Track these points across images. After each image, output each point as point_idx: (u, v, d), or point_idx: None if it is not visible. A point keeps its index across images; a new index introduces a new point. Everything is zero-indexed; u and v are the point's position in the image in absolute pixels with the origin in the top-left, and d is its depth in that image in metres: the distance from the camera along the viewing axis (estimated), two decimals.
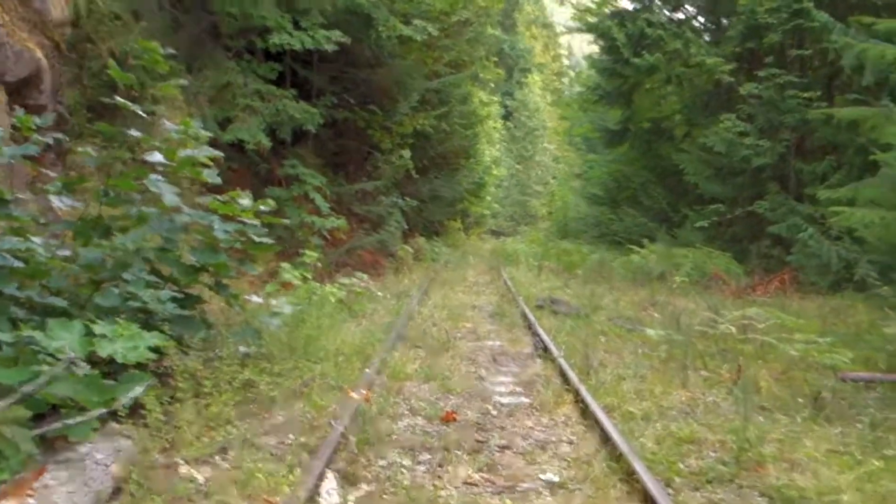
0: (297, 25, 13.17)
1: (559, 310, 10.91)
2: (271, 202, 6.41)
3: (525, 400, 6.08)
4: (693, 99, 21.93)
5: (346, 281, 11.24)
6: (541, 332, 8.66)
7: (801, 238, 15.95)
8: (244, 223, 6.54)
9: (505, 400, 6.07)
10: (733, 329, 8.76)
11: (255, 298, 6.79)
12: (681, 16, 23.05)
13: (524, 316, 10.34)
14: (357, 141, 18.79)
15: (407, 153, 18.19)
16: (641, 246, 19.38)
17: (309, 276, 10.62)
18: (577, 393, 5.79)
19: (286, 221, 6.79)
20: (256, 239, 6.64)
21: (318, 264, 13.32)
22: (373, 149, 18.84)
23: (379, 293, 13.09)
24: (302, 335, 7.39)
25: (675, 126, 23.46)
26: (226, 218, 6.26)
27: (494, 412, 5.71)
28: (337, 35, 12.88)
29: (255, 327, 6.51)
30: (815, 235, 15.59)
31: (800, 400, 6.07)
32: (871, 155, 16.94)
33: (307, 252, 10.92)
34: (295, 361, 6.57)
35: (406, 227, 20.02)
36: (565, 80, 69.80)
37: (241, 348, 6.23)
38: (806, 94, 16.59)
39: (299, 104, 13.17)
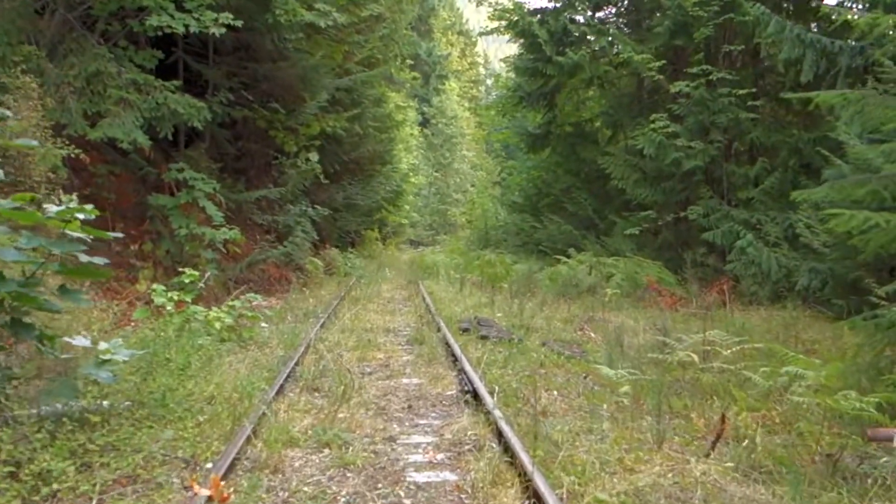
0: (180, 7, 11.23)
1: (487, 334, 9.25)
2: (90, 208, 4.53)
3: (450, 477, 4.36)
4: (618, 100, 20.71)
5: (236, 303, 9.35)
6: (467, 367, 6.97)
7: (739, 245, 14.76)
8: (67, 237, 4.73)
9: (422, 478, 4.33)
10: (694, 357, 7.26)
11: (80, 340, 4.89)
12: (602, 15, 21.85)
13: (446, 343, 8.65)
14: (259, 143, 16.85)
15: (315, 156, 16.34)
16: (568, 256, 18.01)
17: (189, 298, 8.70)
18: (522, 467, 4.11)
19: (115, 235, 4.93)
20: (83, 259, 4.82)
21: (208, 283, 11.41)
22: (277, 152, 16.92)
23: (278, 315, 11.26)
24: (158, 384, 5.54)
25: (600, 129, 22.22)
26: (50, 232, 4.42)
27: (408, 502, 3.99)
28: (227, 18, 10.99)
29: (75, 381, 4.66)
30: (753, 242, 14.40)
31: (817, 464, 4.54)
32: (803, 156, 16.09)
33: (187, 271, 8.98)
34: (136, 425, 4.73)
35: (317, 237, 18.14)
36: (482, 87, 68.87)
37: (47, 408, 4.38)
38: (741, 92, 15.42)
39: (184, 97, 11.20)
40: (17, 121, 9.09)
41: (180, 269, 9.20)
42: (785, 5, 17.10)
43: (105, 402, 4.91)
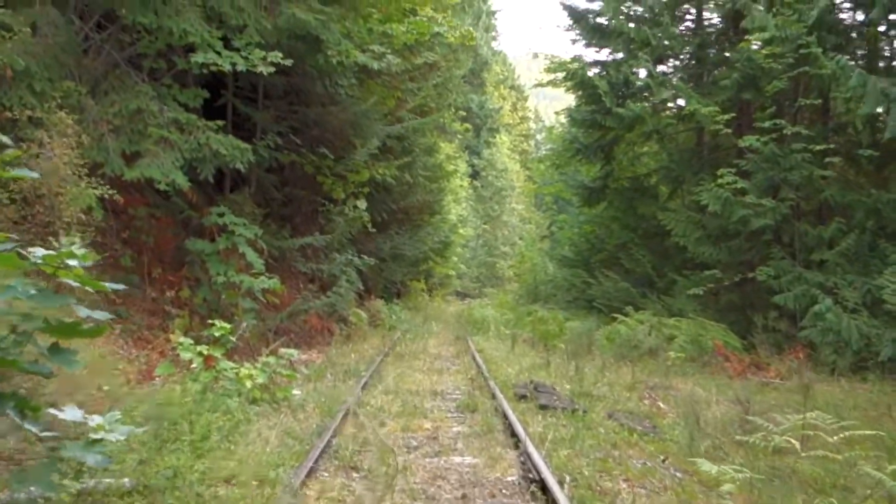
0: (228, 46, 10.64)
1: (547, 403, 8.22)
2: (83, 252, 3.65)
3: None
4: (679, 154, 19.70)
5: (270, 360, 8.46)
6: (530, 447, 5.94)
7: (815, 310, 13.52)
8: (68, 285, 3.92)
9: None
10: (795, 443, 6.15)
11: (69, 412, 4.00)
12: (663, 68, 20.98)
13: (502, 413, 7.62)
14: (306, 190, 16.18)
15: (363, 204, 15.61)
16: (625, 314, 16.90)
17: (219, 353, 7.86)
18: None
19: (114, 287, 3.99)
20: (83, 313, 3.97)
21: (244, 334, 10.59)
22: (325, 199, 16.23)
23: (317, 373, 10.37)
24: (168, 462, 4.65)
25: (658, 184, 21.18)
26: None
27: None
28: (276, 57, 10.36)
29: (56, 464, 3.77)
30: (832, 308, 13.16)
31: None
32: (882, 217, 14.89)
33: (217, 324, 8.14)
34: None
35: (363, 287, 17.32)
36: (532, 142, 68.37)
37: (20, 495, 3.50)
38: (817, 148, 14.33)
39: (227, 138, 10.53)
40: (47, 158, 8.49)
41: (213, 321, 8.34)
42: (859, 63, 16.07)
43: (95, 482, 4.03)
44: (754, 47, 16.05)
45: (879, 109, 14.16)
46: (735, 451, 7.07)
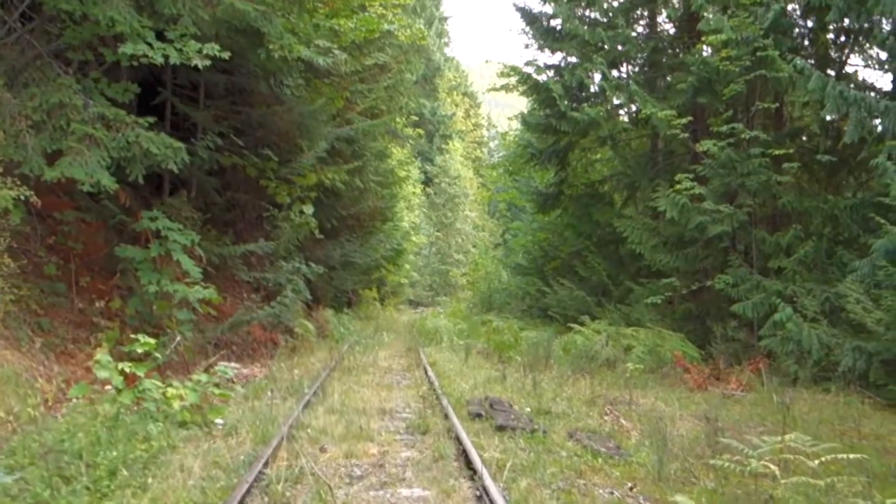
0: (161, 37, 9.82)
1: (504, 423, 7.56)
2: None
3: None
4: (635, 160, 19.30)
5: (202, 378, 7.66)
6: (486, 478, 5.27)
7: (775, 319, 13.14)
8: None
9: None
10: (774, 468, 5.60)
11: None
12: (617, 74, 20.58)
13: (455, 436, 6.93)
14: (250, 194, 15.35)
15: (310, 209, 14.83)
16: (580, 323, 16.40)
17: (142, 371, 7.04)
18: None
19: None
20: None
21: (178, 349, 9.77)
22: (270, 204, 15.40)
23: (256, 390, 9.60)
24: None
25: (614, 190, 20.76)
26: None
27: None
28: (213, 48, 9.55)
29: None
30: (792, 317, 12.77)
31: None
32: (839, 224, 14.62)
33: (141, 338, 7.32)
34: None
35: (310, 297, 16.50)
36: (485, 150, 68.08)
37: None
38: (778, 152, 13.99)
39: (159, 136, 9.69)
40: None
41: (137, 335, 7.50)
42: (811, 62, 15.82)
43: None
44: (708, 51, 15.75)
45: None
46: (706, 474, 6.53)
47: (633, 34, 19.37)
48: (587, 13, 19.74)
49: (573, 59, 19.67)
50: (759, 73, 14.32)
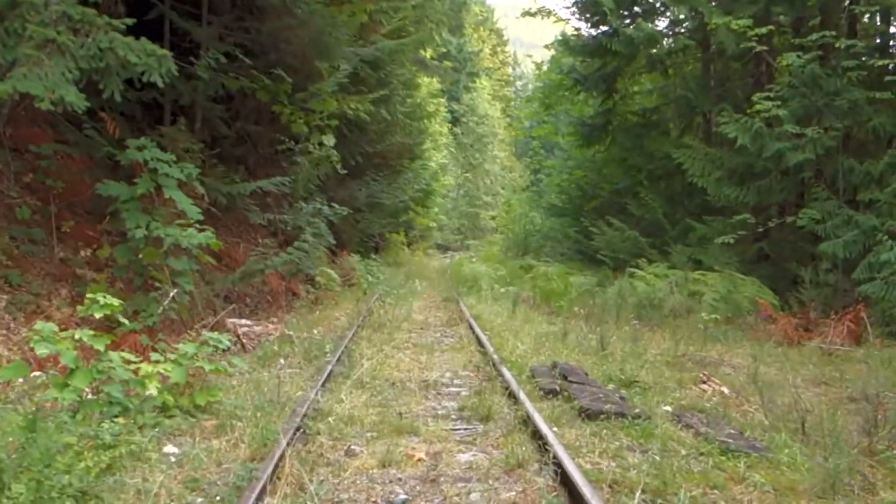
0: None
1: (589, 404, 5.56)
2: None
3: None
4: (696, 83, 16.92)
5: (189, 348, 5.71)
6: None
7: (872, 260, 11.04)
8: None
9: None
10: None
11: None
12: None
13: (532, 429, 4.94)
14: (263, 125, 13.31)
15: (330, 140, 12.76)
16: (634, 267, 14.35)
17: (101, 345, 5.09)
18: None
19: None
20: None
21: (171, 308, 7.89)
22: (286, 137, 13.33)
23: (265, 357, 7.70)
24: None
25: (669, 117, 18.40)
26: None
27: None
28: None
29: None
30: None
31: None
32: None
33: (99, 297, 5.34)
34: None
35: (334, 242, 14.52)
36: (512, 89, 65.29)
37: None
38: (882, 62, 11.67)
39: (138, 42, 7.65)
40: None
41: (94, 293, 5.52)
42: None
43: None
44: None
45: None
46: (881, 476, 4.58)
47: None
48: None
49: None
50: None
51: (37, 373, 5.23)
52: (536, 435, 4.76)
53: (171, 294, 8.01)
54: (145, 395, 5.19)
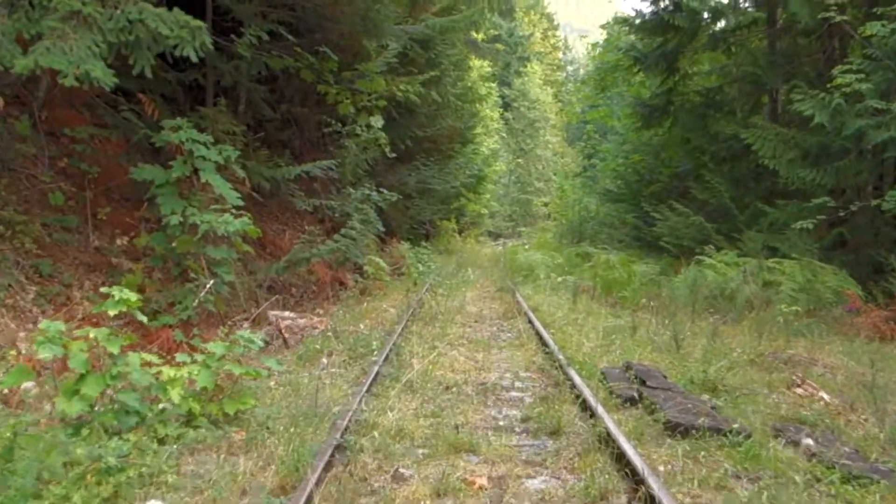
0: None
1: (676, 416, 4.74)
2: None
3: None
4: (765, 59, 15.73)
5: (218, 348, 5.03)
6: None
7: None
8: None
9: None
10: None
11: None
12: None
13: (612, 447, 4.13)
14: (309, 108, 12.65)
15: (378, 121, 12.03)
16: (701, 254, 13.34)
17: (115, 347, 4.41)
18: None
19: None
20: None
21: (207, 300, 7.26)
22: (333, 119, 12.63)
23: (308, 354, 7.01)
24: None
25: (735, 96, 17.22)
26: None
27: None
28: None
29: None
30: None
31: None
32: None
33: (115, 291, 4.67)
34: None
35: (383, 229, 13.81)
36: (562, 74, 63.92)
37: None
38: None
39: (170, 13, 7.01)
40: None
41: (111, 289, 4.85)
42: None
43: None
44: None
45: None
46: None
47: None
48: None
49: None
50: None
51: (28, 384, 4.57)
52: (619, 457, 3.95)
53: (208, 285, 7.37)
54: (167, 404, 4.53)
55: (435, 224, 24.34)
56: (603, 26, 23.97)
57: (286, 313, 9.21)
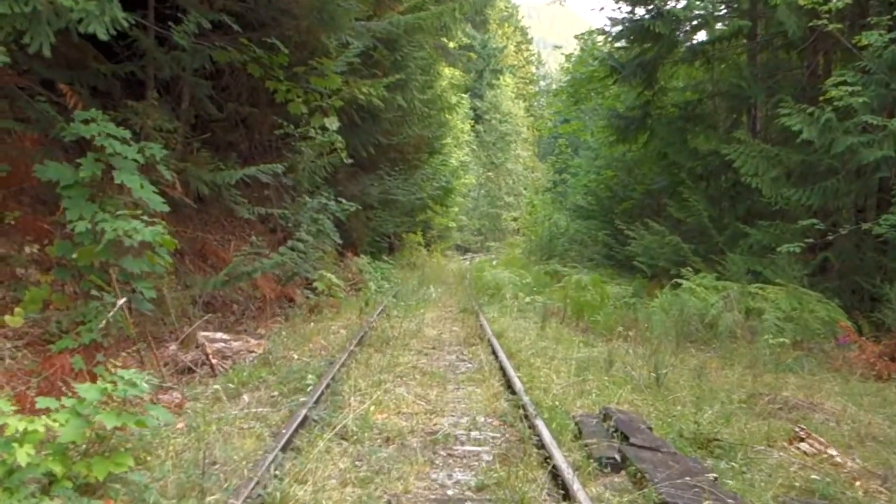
0: None
1: (661, 485, 3.70)
2: None
3: None
4: (750, 72, 14.94)
5: (92, 392, 3.92)
6: None
7: None
8: None
9: None
10: None
11: None
12: None
13: None
14: (258, 107, 11.55)
15: (333, 123, 10.95)
16: (677, 276, 12.47)
17: None
18: None
19: None
20: None
21: (117, 323, 6.14)
22: (285, 120, 11.52)
23: (236, 386, 5.91)
24: None
25: (716, 111, 16.43)
26: None
27: None
28: None
29: None
30: None
31: None
32: None
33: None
34: None
35: (339, 242, 12.69)
36: (535, 88, 63.38)
37: None
38: None
39: None
40: None
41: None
42: None
43: None
44: None
45: None
46: None
47: None
48: None
49: None
50: None
51: None
52: None
53: (119, 303, 6.24)
54: (14, 465, 3.43)
55: (399, 237, 23.29)
56: (577, 37, 23.17)
57: (219, 335, 8.08)
